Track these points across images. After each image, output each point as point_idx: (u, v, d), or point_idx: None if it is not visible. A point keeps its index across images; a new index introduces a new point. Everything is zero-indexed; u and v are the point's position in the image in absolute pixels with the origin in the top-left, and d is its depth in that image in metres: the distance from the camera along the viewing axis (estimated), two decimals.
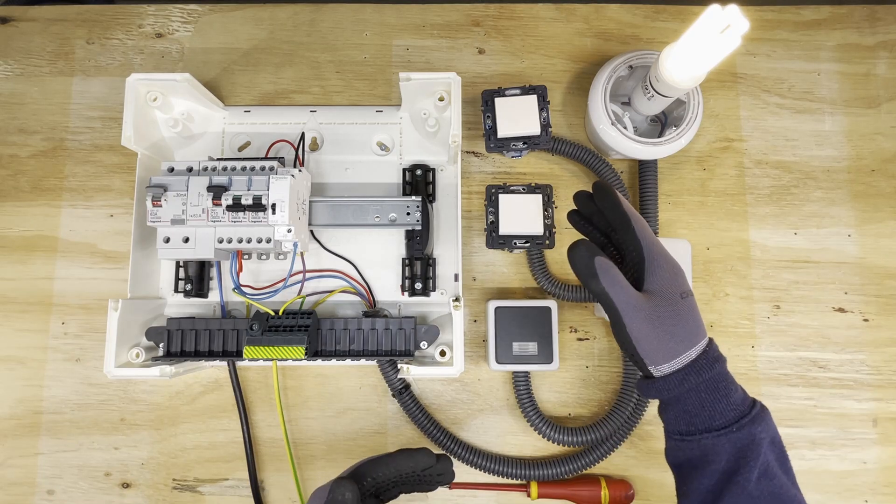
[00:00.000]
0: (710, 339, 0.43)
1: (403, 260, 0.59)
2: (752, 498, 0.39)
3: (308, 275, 0.59)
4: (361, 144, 0.62)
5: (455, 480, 0.58)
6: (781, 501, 0.40)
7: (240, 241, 0.52)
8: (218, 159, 0.54)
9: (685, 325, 0.41)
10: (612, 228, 0.45)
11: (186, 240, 0.53)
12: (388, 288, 0.60)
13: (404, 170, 0.61)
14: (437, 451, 0.58)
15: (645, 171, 0.61)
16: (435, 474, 0.50)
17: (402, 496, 0.53)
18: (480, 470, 0.58)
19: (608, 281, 0.41)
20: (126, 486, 0.59)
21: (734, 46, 0.45)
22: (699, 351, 0.41)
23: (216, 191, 0.51)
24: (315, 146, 0.62)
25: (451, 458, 0.58)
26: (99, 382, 0.60)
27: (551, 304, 0.58)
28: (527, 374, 0.59)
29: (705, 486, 0.41)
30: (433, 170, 0.61)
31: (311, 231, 0.60)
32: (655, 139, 0.58)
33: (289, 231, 0.52)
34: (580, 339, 0.62)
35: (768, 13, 0.67)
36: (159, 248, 0.53)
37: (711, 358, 0.41)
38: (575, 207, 0.49)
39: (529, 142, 0.58)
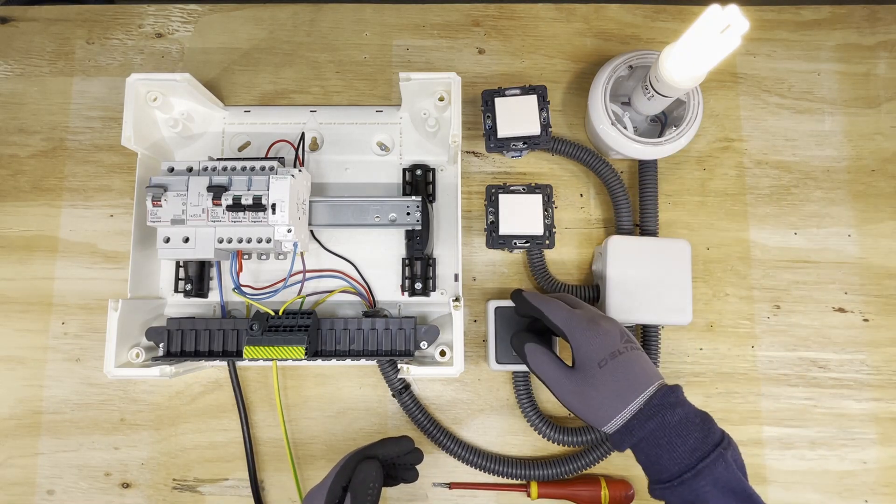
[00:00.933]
0: (658, 387, 0.43)
1: (403, 260, 0.59)
2: None
3: (308, 275, 0.59)
4: (361, 144, 0.62)
5: (455, 480, 0.59)
6: None
7: (240, 241, 0.52)
8: (218, 159, 0.54)
9: (608, 391, 0.43)
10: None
11: (186, 240, 0.53)
12: (388, 288, 0.60)
13: (404, 170, 0.61)
14: (432, 450, 0.58)
15: (645, 171, 0.61)
16: (409, 456, 0.53)
17: (403, 495, 0.53)
18: (480, 470, 0.58)
19: (535, 363, 0.47)
20: (126, 486, 0.59)
21: (734, 46, 0.45)
22: (634, 410, 0.43)
23: (216, 191, 0.51)
24: (315, 146, 0.62)
25: (449, 456, 0.58)
26: (99, 382, 0.60)
27: None
28: (527, 374, 0.59)
29: None
30: (433, 170, 0.61)
31: (311, 231, 0.60)
32: (655, 139, 0.58)
33: (289, 231, 0.52)
34: None
35: (768, 13, 0.67)
36: (159, 248, 0.53)
37: (647, 414, 0.42)
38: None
39: (529, 142, 0.58)
